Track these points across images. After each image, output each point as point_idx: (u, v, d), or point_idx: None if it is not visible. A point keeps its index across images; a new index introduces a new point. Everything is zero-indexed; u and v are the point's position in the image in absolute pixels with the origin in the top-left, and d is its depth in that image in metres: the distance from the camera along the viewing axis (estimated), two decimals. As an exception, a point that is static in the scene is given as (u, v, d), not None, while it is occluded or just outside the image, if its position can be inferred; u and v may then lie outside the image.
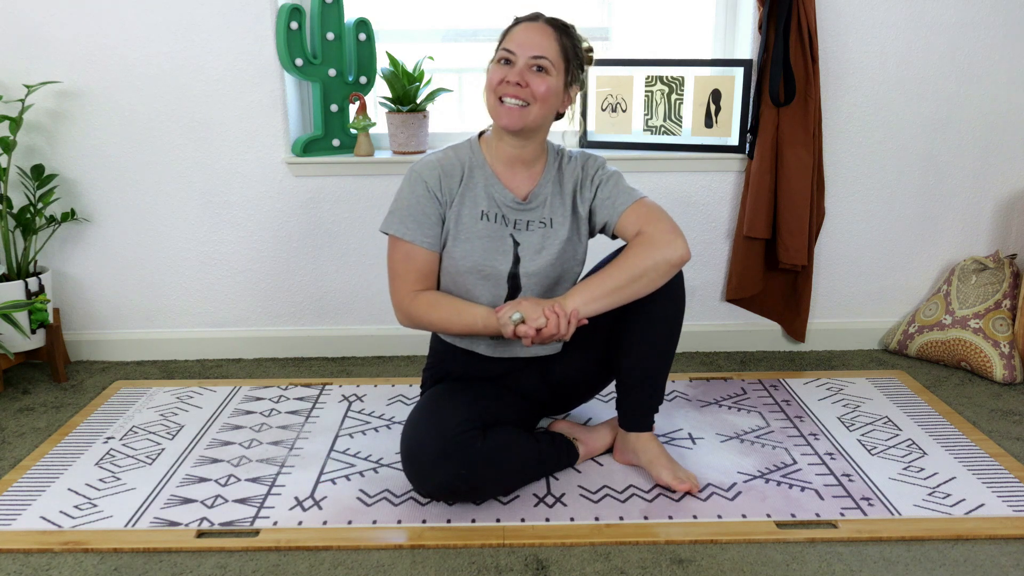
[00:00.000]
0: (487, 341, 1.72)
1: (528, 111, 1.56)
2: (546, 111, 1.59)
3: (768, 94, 2.20)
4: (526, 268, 1.65)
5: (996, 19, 2.26)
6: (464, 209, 1.63)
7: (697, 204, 2.40)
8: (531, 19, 1.59)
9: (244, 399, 2.18)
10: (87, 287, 2.45)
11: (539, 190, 1.66)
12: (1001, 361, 2.23)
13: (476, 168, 1.65)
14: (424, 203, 1.61)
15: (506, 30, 1.61)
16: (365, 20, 2.34)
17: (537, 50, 1.54)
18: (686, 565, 1.45)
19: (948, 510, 1.61)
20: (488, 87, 1.59)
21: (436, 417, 1.57)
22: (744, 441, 1.90)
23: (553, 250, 1.65)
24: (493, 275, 1.64)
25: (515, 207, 1.65)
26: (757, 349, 2.52)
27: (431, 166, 1.62)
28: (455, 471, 1.52)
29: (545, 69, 1.55)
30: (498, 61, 1.58)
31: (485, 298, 1.66)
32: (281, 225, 2.40)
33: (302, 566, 1.46)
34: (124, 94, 2.29)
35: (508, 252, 1.64)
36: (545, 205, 1.66)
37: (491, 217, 1.63)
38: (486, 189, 1.64)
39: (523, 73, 1.54)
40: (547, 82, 1.56)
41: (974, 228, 2.44)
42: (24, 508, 1.65)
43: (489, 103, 1.59)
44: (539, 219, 1.66)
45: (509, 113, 1.55)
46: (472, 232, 1.62)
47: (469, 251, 1.62)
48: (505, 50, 1.56)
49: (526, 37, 1.56)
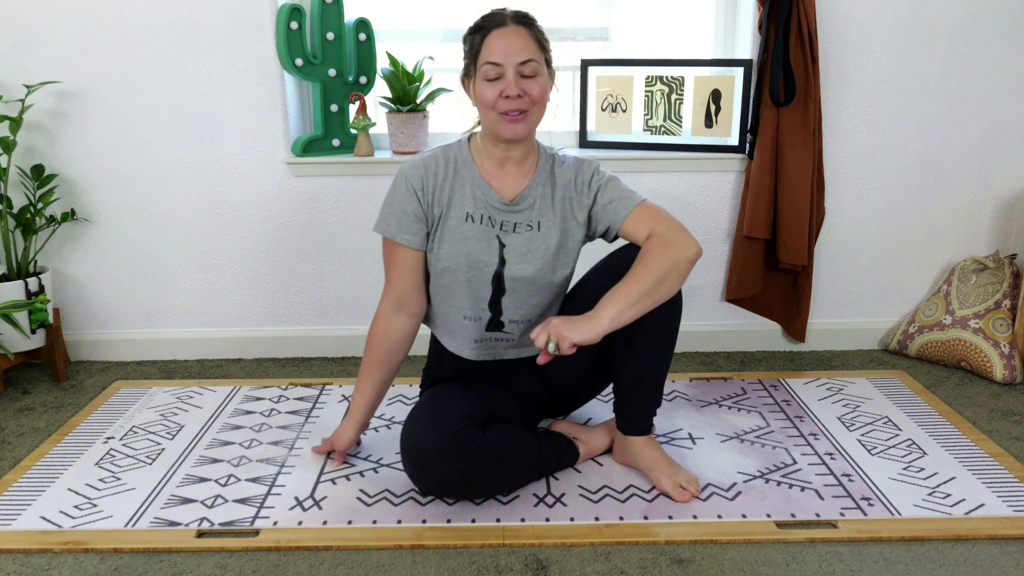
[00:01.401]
0: (471, 345, 1.72)
1: (530, 116, 1.57)
2: (543, 109, 1.60)
3: (768, 94, 2.20)
4: (511, 271, 1.64)
5: (996, 19, 2.26)
6: (451, 211, 1.63)
7: (697, 204, 2.40)
8: (499, 24, 1.55)
9: (244, 399, 2.18)
10: (87, 287, 2.45)
11: (528, 192, 1.65)
12: (1001, 361, 2.23)
13: (463, 169, 1.64)
14: (406, 201, 1.62)
15: (479, 41, 1.56)
16: (365, 20, 2.34)
17: (521, 55, 1.53)
18: (686, 565, 1.45)
19: (948, 510, 1.61)
20: (484, 106, 1.56)
21: (435, 414, 1.57)
22: (744, 441, 1.90)
23: (539, 254, 1.65)
24: (478, 277, 1.64)
25: (502, 208, 1.64)
26: (757, 349, 2.52)
27: (415, 166, 1.63)
28: (455, 467, 1.52)
29: (535, 69, 1.55)
30: (484, 78, 1.55)
31: (468, 299, 1.66)
32: (281, 225, 2.40)
33: (302, 566, 1.46)
34: (124, 94, 2.29)
35: (494, 254, 1.64)
36: (534, 208, 1.65)
37: (477, 219, 1.63)
38: (473, 190, 1.63)
39: (517, 82, 1.53)
40: (539, 83, 1.56)
41: (974, 228, 2.44)
42: (24, 508, 1.65)
43: (489, 118, 1.57)
44: (527, 222, 1.65)
45: (514, 125, 1.55)
46: (457, 234, 1.63)
47: (454, 252, 1.63)
48: (490, 64, 1.53)
49: (505, 45, 1.53)
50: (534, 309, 1.70)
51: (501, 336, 1.72)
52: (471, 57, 1.59)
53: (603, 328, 1.47)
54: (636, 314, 1.50)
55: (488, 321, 1.69)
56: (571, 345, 1.46)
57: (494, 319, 1.69)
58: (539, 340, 1.48)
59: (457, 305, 1.68)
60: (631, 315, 1.50)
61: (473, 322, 1.69)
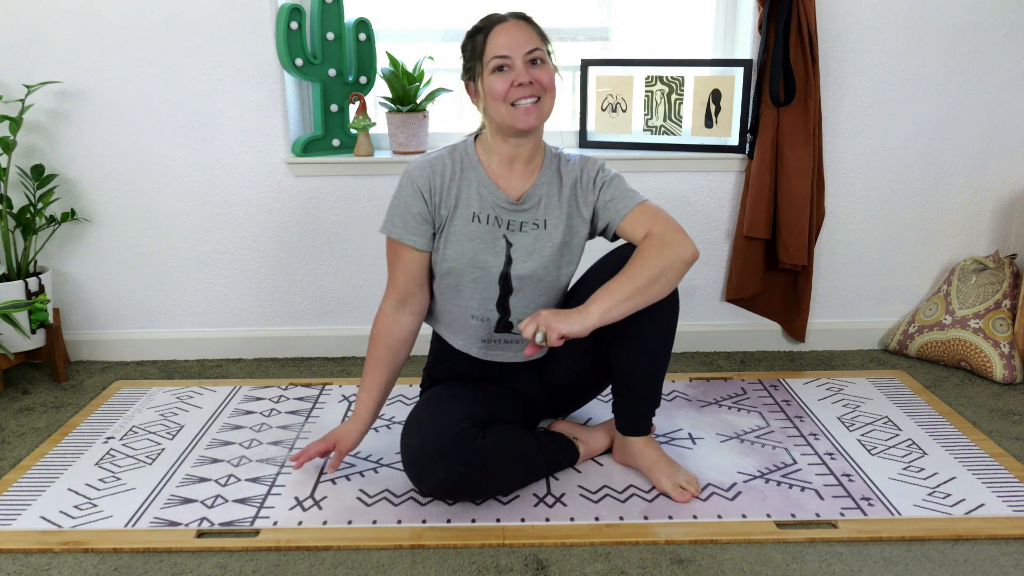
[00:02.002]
0: (479, 344, 1.72)
1: (542, 105, 1.57)
2: (553, 98, 1.61)
3: (768, 94, 2.20)
4: (517, 270, 1.64)
5: (996, 19, 2.26)
6: (457, 212, 1.63)
7: (697, 204, 2.40)
8: (500, 21, 1.57)
9: (244, 399, 2.18)
10: (87, 287, 2.45)
11: (534, 190, 1.65)
12: (1001, 361, 2.23)
13: (468, 169, 1.64)
14: (412, 203, 1.62)
15: (482, 40, 1.57)
16: (365, 20, 2.34)
17: (527, 44, 1.55)
18: (686, 565, 1.45)
19: (948, 510, 1.61)
20: (495, 98, 1.56)
21: (435, 415, 1.56)
22: (744, 441, 1.90)
23: (545, 252, 1.64)
24: (484, 277, 1.64)
25: (508, 208, 1.64)
26: (757, 349, 2.52)
27: (421, 167, 1.63)
28: (455, 468, 1.52)
29: (541, 59, 1.56)
30: (493, 71, 1.55)
31: (476, 299, 1.66)
32: (281, 225, 2.40)
33: (302, 566, 1.46)
34: (124, 94, 2.29)
35: (501, 253, 1.64)
36: (540, 206, 1.65)
37: (483, 219, 1.63)
38: (479, 190, 1.63)
39: (527, 71, 1.54)
40: (548, 70, 1.57)
41: (974, 228, 2.44)
42: (24, 508, 1.65)
43: (501, 113, 1.56)
44: (533, 220, 1.65)
45: (527, 114, 1.55)
46: (463, 234, 1.62)
47: (460, 252, 1.63)
48: (498, 58, 1.54)
49: (510, 38, 1.55)
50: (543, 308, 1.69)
51: (511, 338, 1.72)
52: (476, 57, 1.59)
53: (592, 322, 1.46)
54: (628, 310, 1.49)
55: (497, 322, 1.69)
56: (559, 337, 1.44)
57: (503, 320, 1.69)
58: (527, 330, 1.46)
59: (464, 304, 1.68)
60: (622, 311, 1.49)
61: (481, 322, 1.69)
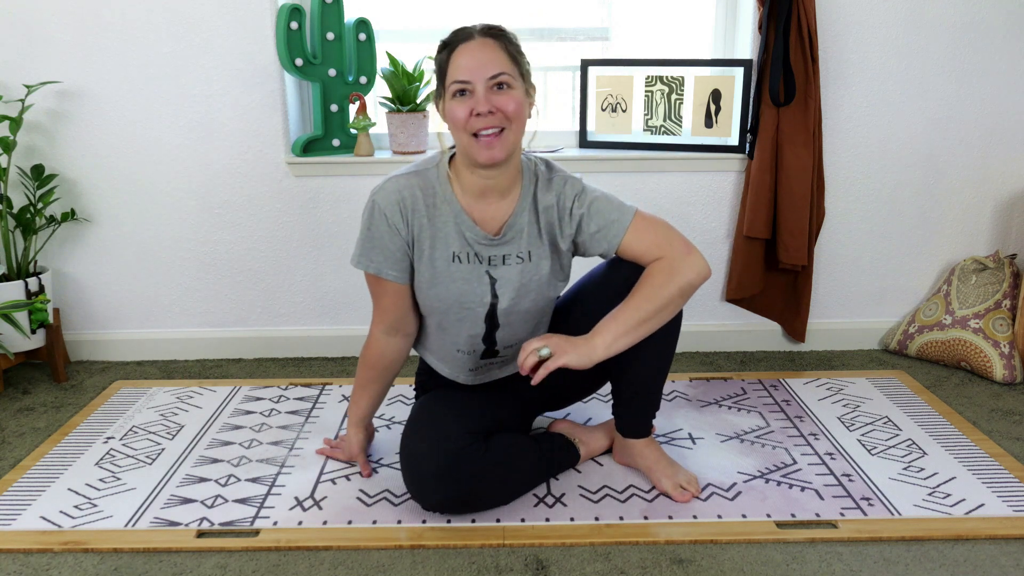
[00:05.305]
0: (467, 372, 1.70)
1: (506, 136, 1.44)
2: (521, 127, 1.47)
3: (768, 94, 2.20)
4: (503, 305, 1.58)
5: (996, 19, 2.26)
6: (436, 252, 1.54)
7: (697, 204, 2.40)
8: (466, 39, 1.44)
9: (244, 399, 2.18)
10: (87, 287, 2.45)
11: (513, 220, 1.55)
12: (1001, 361, 2.23)
13: (443, 203, 1.53)
14: (386, 238, 1.53)
15: (445, 59, 1.46)
16: (365, 20, 2.34)
17: (491, 68, 1.42)
18: (686, 565, 1.45)
19: (948, 510, 1.61)
20: (455, 127, 1.45)
21: (435, 430, 1.53)
22: (744, 441, 1.90)
23: (532, 287, 1.58)
24: (469, 316, 1.60)
25: (488, 243, 1.54)
26: (757, 349, 2.52)
27: (390, 201, 1.51)
28: (458, 488, 1.51)
29: (507, 83, 1.43)
30: (453, 96, 1.43)
31: (462, 335, 1.63)
32: (281, 225, 2.40)
33: (302, 566, 1.46)
34: (124, 94, 2.29)
35: (486, 291, 1.57)
36: (521, 237, 1.56)
37: (464, 258, 1.55)
38: (456, 227, 1.53)
39: (488, 98, 1.41)
40: (514, 97, 1.43)
41: (974, 228, 2.44)
42: (24, 508, 1.65)
43: (463, 142, 1.45)
44: (516, 253, 1.56)
45: (489, 146, 1.43)
46: (446, 275, 1.55)
47: (445, 294, 1.56)
48: (457, 82, 1.42)
49: (473, 60, 1.42)
50: (530, 332, 1.67)
51: (496, 360, 1.70)
52: (439, 77, 1.48)
53: (598, 357, 1.45)
54: (631, 342, 1.47)
55: (483, 352, 1.67)
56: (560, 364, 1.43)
57: (488, 350, 1.66)
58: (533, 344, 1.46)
59: (450, 340, 1.65)
60: (626, 343, 1.47)
61: (467, 355, 1.67)
